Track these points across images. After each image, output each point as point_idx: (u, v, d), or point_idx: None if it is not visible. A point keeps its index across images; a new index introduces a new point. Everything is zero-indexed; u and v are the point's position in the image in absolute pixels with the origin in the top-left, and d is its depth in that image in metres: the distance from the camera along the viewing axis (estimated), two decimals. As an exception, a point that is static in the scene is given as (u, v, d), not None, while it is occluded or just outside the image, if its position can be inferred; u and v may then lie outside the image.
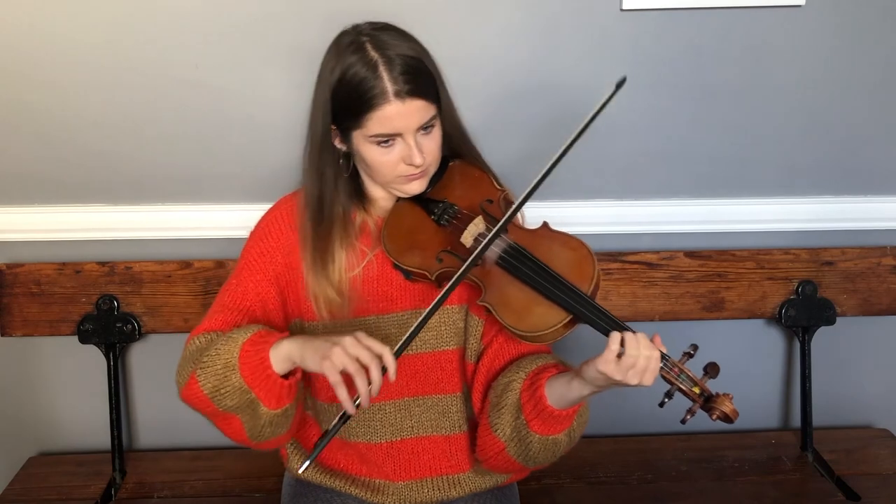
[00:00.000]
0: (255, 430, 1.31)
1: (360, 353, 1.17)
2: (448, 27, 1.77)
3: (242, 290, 1.40)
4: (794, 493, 1.84)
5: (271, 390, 1.26)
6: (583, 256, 1.30)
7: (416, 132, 1.30)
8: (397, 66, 1.26)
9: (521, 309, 1.28)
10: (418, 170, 1.33)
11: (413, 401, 1.45)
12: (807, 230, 1.97)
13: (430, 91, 1.30)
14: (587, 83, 1.83)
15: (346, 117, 1.30)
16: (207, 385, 1.27)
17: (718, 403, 1.21)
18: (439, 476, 1.48)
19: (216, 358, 1.27)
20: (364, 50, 1.27)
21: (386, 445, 1.46)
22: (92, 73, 1.77)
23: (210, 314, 1.40)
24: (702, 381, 1.23)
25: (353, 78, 1.27)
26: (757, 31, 1.81)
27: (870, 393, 2.13)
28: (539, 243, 1.33)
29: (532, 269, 1.29)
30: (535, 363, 1.37)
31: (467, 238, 1.34)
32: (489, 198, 1.39)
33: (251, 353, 1.25)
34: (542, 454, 1.34)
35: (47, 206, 1.88)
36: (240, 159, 1.85)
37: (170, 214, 1.89)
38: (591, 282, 1.28)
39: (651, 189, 1.93)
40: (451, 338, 1.43)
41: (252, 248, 1.43)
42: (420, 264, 1.36)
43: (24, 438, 2.04)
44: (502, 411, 1.35)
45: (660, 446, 1.99)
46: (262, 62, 1.78)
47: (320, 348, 1.19)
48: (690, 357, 1.24)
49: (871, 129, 1.91)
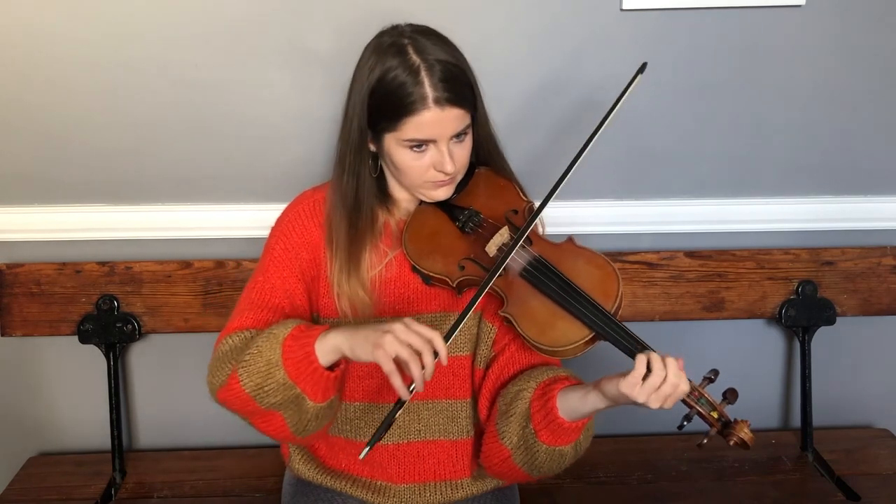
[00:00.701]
0: (299, 425, 1.29)
1: (411, 339, 1.16)
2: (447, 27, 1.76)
3: (270, 286, 1.39)
4: (794, 493, 1.84)
5: (317, 384, 1.24)
6: (607, 274, 1.30)
7: (450, 140, 1.30)
8: (438, 73, 1.26)
9: (543, 323, 1.28)
10: (447, 177, 1.33)
11: (423, 404, 1.45)
12: (807, 230, 1.97)
13: (467, 100, 1.30)
14: (587, 83, 1.83)
15: (381, 119, 1.30)
16: (250, 383, 1.25)
17: (737, 430, 1.21)
18: (442, 481, 1.48)
19: (257, 356, 1.25)
20: (406, 53, 1.27)
21: (392, 447, 1.46)
22: (92, 73, 1.77)
23: (238, 312, 1.38)
24: (720, 407, 1.24)
25: (394, 81, 1.26)
26: (757, 31, 1.80)
27: (870, 393, 2.13)
28: (564, 258, 1.33)
29: (557, 284, 1.29)
30: (547, 374, 1.36)
31: (492, 248, 1.34)
32: (514, 208, 1.39)
33: (294, 348, 1.23)
34: (547, 464, 1.34)
35: (47, 206, 1.88)
36: (240, 159, 1.85)
37: (170, 214, 1.89)
38: (615, 300, 1.27)
39: (651, 189, 1.93)
40: (465, 344, 1.43)
41: (277, 244, 1.42)
42: (441, 270, 1.36)
43: (24, 438, 2.04)
44: (511, 419, 1.34)
45: (660, 446, 1.99)
46: (262, 62, 1.78)
47: (370, 337, 1.17)
48: (711, 382, 1.24)
49: (871, 129, 1.91)
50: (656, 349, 1.23)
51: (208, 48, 1.76)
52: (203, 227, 1.90)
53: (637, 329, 1.26)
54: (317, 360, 1.22)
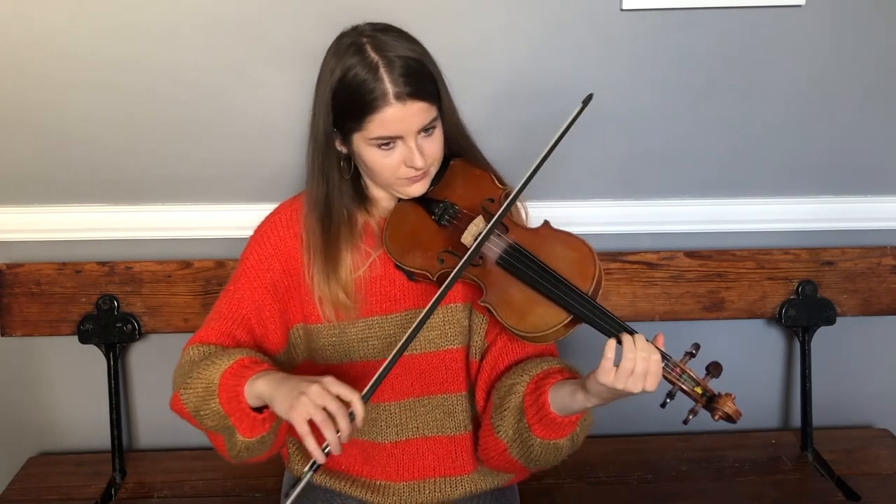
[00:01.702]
0: (232, 452, 1.31)
1: (326, 402, 1.14)
2: (447, 26, 1.77)
3: (238, 297, 1.40)
4: (794, 493, 1.84)
5: (245, 421, 1.25)
6: (584, 255, 1.30)
7: (417, 134, 1.29)
8: (398, 68, 1.25)
9: (521, 309, 1.28)
10: (419, 172, 1.33)
11: (418, 401, 1.45)
12: (807, 230, 1.97)
13: (430, 93, 1.29)
14: (587, 83, 1.83)
15: (346, 119, 1.30)
16: (190, 405, 1.29)
17: (721, 404, 1.21)
18: (442, 477, 1.48)
19: (198, 381, 1.28)
20: (364, 52, 1.27)
21: (390, 445, 1.46)
22: (92, 73, 1.77)
23: (207, 322, 1.40)
24: (704, 381, 1.23)
25: (354, 80, 1.26)
26: (757, 31, 1.80)
27: (870, 393, 2.13)
28: (540, 243, 1.32)
29: (532, 269, 1.29)
30: (540, 367, 1.36)
31: (467, 238, 1.34)
32: (490, 197, 1.39)
33: (229, 384, 1.24)
34: (543, 457, 1.34)
35: (47, 206, 1.88)
36: (240, 159, 1.85)
37: (170, 214, 1.89)
38: (592, 281, 1.27)
39: (651, 189, 1.93)
40: (456, 336, 1.43)
41: (250, 254, 1.43)
42: (421, 265, 1.36)
43: (24, 438, 2.04)
44: (505, 413, 1.35)
45: (660, 446, 1.99)
46: (262, 62, 1.78)
47: (288, 395, 1.16)
48: (692, 357, 1.24)
49: (871, 129, 1.91)
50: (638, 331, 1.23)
51: (208, 48, 1.76)
52: (203, 227, 1.90)
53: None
54: (245, 401, 1.24)
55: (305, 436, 1.14)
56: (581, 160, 1.89)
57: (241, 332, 1.38)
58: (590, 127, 1.87)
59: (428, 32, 1.37)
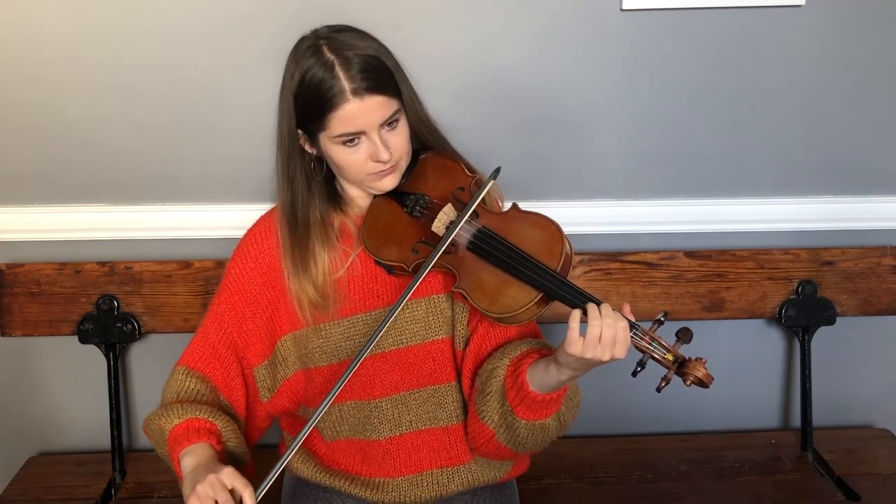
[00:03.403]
0: None
1: (218, 494, 1.20)
2: (447, 27, 1.77)
3: (220, 312, 1.44)
4: (794, 493, 1.84)
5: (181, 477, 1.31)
6: (551, 234, 1.31)
7: (380, 128, 1.31)
8: (354, 65, 1.27)
9: (493, 291, 1.30)
10: (387, 165, 1.34)
11: (409, 394, 1.45)
12: (807, 230, 1.97)
13: (389, 86, 1.31)
14: (587, 83, 1.83)
15: (309, 120, 1.32)
16: (150, 436, 1.40)
17: (692, 369, 1.21)
18: (438, 469, 1.48)
19: (154, 423, 1.37)
20: (321, 52, 1.29)
21: (385, 442, 1.46)
22: (92, 73, 1.77)
23: (195, 338, 1.46)
24: (674, 348, 1.23)
25: (312, 80, 1.29)
26: (757, 31, 1.81)
27: (870, 393, 2.13)
28: (508, 225, 1.34)
29: (500, 252, 1.31)
30: (519, 349, 1.37)
31: (438, 226, 1.36)
32: (460, 185, 1.40)
33: (171, 443, 1.33)
34: (530, 439, 1.34)
35: (47, 206, 1.88)
36: (239, 159, 1.85)
37: (170, 214, 1.89)
38: (559, 258, 1.28)
39: (651, 189, 1.93)
40: (441, 327, 1.43)
41: (232, 269, 1.46)
42: (397, 257, 1.37)
43: (24, 438, 2.04)
44: (488, 398, 1.36)
45: (660, 446, 1.99)
46: (261, 62, 1.78)
47: (190, 483, 1.23)
48: (661, 324, 1.25)
49: (871, 129, 1.91)
50: None
51: (208, 48, 1.76)
52: (203, 227, 1.90)
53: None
54: (178, 465, 1.31)
55: None
56: (581, 160, 1.89)
57: (223, 350, 1.44)
58: (590, 127, 1.87)
59: (427, 34, 1.38)
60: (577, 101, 1.85)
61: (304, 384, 1.47)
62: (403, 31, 1.35)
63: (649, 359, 1.23)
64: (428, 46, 1.34)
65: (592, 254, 1.91)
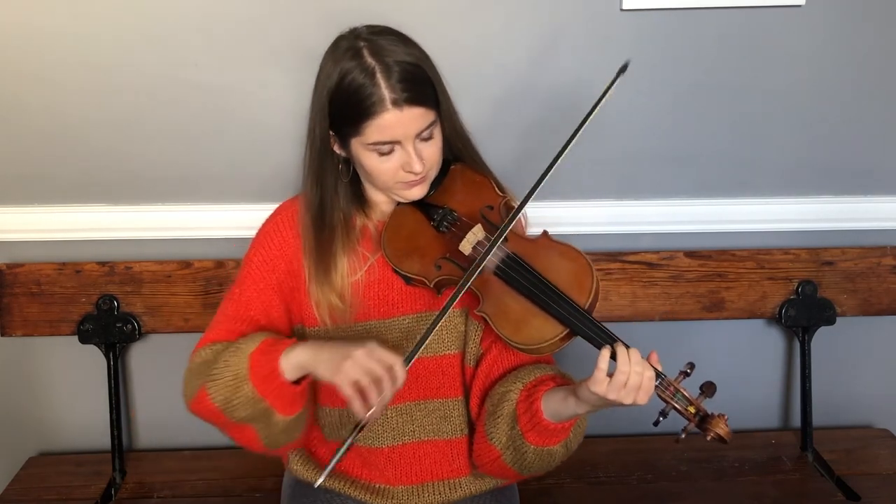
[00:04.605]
0: (270, 438, 1.31)
1: (372, 365, 1.17)
2: (447, 27, 1.77)
3: (246, 299, 1.40)
4: (794, 493, 1.84)
5: (284, 397, 1.26)
6: (581, 268, 1.29)
7: (415, 139, 1.29)
8: (395, 73, 1.25)
9: (517, 320, 1.28)
10: (418, 176, 1.32)
11: (415, 405, 1.45)
12: (807, 230, 1.97)
13: (428, 98, 1.28)
14: (587, 83, 1.83)
15: (343, 124, 1.29)
16: (218, 397, 1.27)
17: (713, 425, 1.21)
18: (440, 480, 1.48)
19: (225, 370, 1.27)
20: (361, 56, 1.26)
21: (388, 450, 1.46)
22: (92, 73, 1.77)
23: (214, 325, 1.40)
24: (697, 401, 1.23)
25: (351, 85, 1.26)
26: (757, 31, 1.81)
27: (870, 393, 2.13)
28: (538, 253, 1.32)
29: (529, 281, 1.28)
30: (534, 374, 1.36)
31: (466, 246, 1.33)
32: (489, 204, 1.38)
33: (261, 363, 1.25)
34: (537, 463, 1.34)
35: (47, 206, 1.88)
36: (240, 159, 1.85)
37: (170, 214, 1.89)
38: (588, 295, 1.26)
39: (651, 189, 1.93)
40: (453, 342, 1.43)
41: (254, 256, 1.42)
42: (419, 271, 1.35)
43: (24, 438, 2.04)
44: (498, 421, 1.35)
45: (660, 446, 1.98)
46: (262, 61, 1.78)
47: (333, 359, 1.19)
48: (687, 376, 1.24)
49: (871, 129, 1.91)
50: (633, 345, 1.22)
51: (208, 48, 1.76)
52: (203, 227, 1.90)
53: (637, 329, 1.27)
54: (282, 376, 1.24)
55: (352, 398, 1.17)
56: (581, 160, 1.88)
57: (250, 333, 1.37)
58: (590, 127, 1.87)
59: (427, 34, 1.37)
60: (577, 101, 1.84)
61: None
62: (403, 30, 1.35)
63: (671, 409, 1.22)
64: (428, 46, 1.34)
65: (592, 254, 1.90)
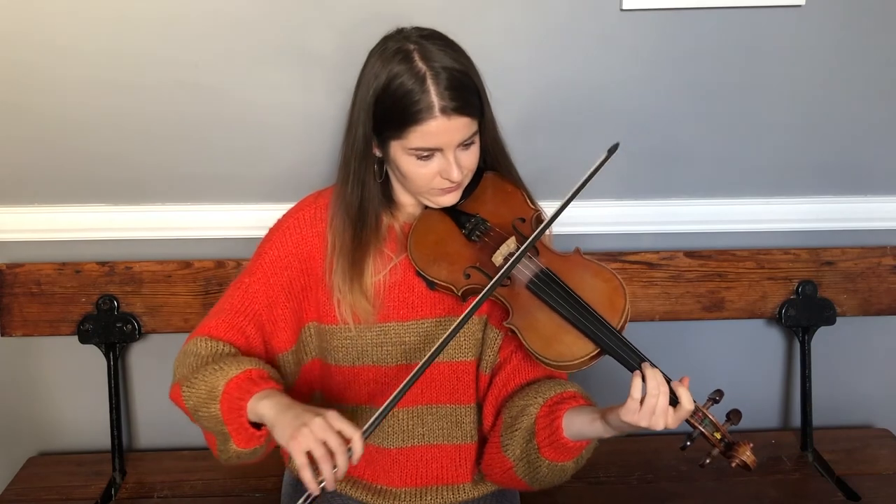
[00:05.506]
0: (224, 455, 1.30)
1: (328, 437, 1.13)
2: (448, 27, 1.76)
3: (252, 291, 1.38)
4: (794, 493, 1.84)
5: (243, 433, 1.25)
6: (614, 288, 1.29)
7: (457, 147, 1.28)
8: (444, 81, 1.24)
9: (548, 336, 1.27)
10: (454, 184, 1.31)
11: (426, 409, 1.44)
12: (807, 230, 1.97)
13: (474, 107, 1.28)
14: (587, 83, 1.83)
15: (387, 126, 1.28)
16: (190, 403, 1.28)
17: (739, 452, 1.21)
18: (444, 485, 1.48)
19: (202, 383, 1.26)
20: (411, 60, 1.25)
21: (395, 451, 1.45)
22: (92, 73, 1.77)
23: (216, 312, 1.38)
24: (724, 428, 1.23)
25: (400, 89, 1.24)
26: (757, 31, 1.80)
27: (870, 393, 2.13)
28: (571, 270, 1.31)
29: (563, 297, 1.28)
30: (554, 390, 1.35)
31: (498, 258, 1.33)
32: (521, 216, 1.38)
33: (233, 396, 1.23)
34: (549, 478, 1.34)
35: (47, 206, 1.88)
36: (240, 159, 1.85)
37: (170, 214, 1.89)
38: (621, 315, 1.26)
39: (651, 189, 1.93)
40: (470, 349, 1.42)
41: (270, 250, 1.40)
42: (447, 278, 1.34)
43: (24, 438, 2.04)
44: (515, 434, 1.34)
45: (660, 446, 1.98)
46: (262, 62, 1.78)
47: (292, 424, 1.15)
48: (715, 403, 1.24)
49: (871, 129, 1.91)
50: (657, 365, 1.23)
51: (208, 48, 1.76)
52: (203, 227, 1.90)
53: (637, 329, 1.27)
54: (245, 416, 1.23)
55: (302, 468, 1.13)
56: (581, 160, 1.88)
57: (250, 328, 1.37)
58: (590, 127, 1.87)
59: (427, 33, 1.37)
60: (577, 101, 1.84)
61: (318, 372, 1.46)
62: (404, 30, 1.35)
63: (699, 434, 1.23)
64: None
65: (593, 254, 1.91)
